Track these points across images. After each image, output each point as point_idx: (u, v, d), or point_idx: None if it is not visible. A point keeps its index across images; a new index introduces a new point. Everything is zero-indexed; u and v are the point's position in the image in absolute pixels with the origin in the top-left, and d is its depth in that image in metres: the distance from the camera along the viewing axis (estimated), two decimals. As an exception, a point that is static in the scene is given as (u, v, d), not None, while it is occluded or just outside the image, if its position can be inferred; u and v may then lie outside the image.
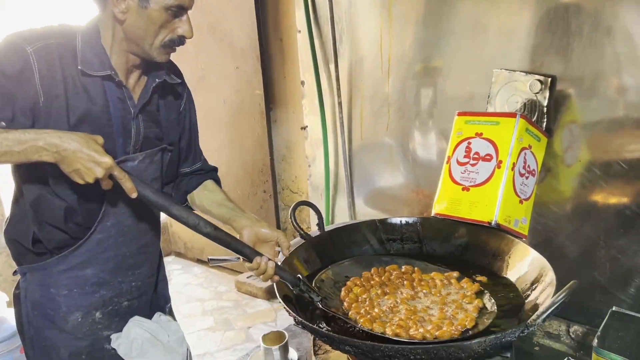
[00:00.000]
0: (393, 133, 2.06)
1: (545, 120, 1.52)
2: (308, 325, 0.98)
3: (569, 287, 0.85)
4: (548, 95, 1.50)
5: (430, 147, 1.93)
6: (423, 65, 1.88)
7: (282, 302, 1.08)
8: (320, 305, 1.11)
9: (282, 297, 1.10)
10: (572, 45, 1.45)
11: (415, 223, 1.50)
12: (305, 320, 1.01)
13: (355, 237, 1.47)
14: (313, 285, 1.14)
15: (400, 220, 1.51)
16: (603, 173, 1.46)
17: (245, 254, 1.09)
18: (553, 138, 1.54)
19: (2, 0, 3.54)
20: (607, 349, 1.19)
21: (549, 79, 1.50)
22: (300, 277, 1.12)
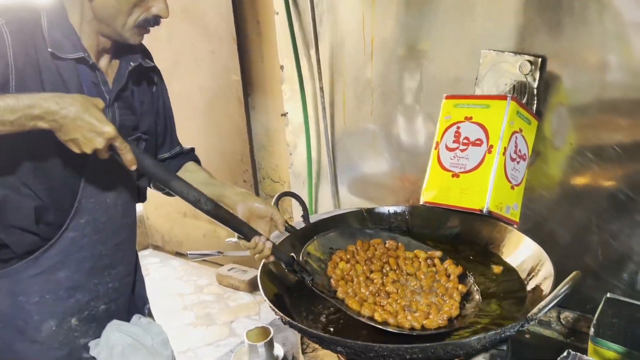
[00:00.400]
0: (377, 118, 2.01)
1: (536, 103, 1.49)
2: (297, 326, 0.93)
3: (572, 278, 0.82)
4: (538, 77, 1.47)
5: (416, 132, 1.89)
6: (407, 47, 1.83)
7: (268, 301, 1.03)
8: (311, 285, 1.09)
9: (268, 296, 1.05)
10: (563, 24, 1.42)
11: (404, 212, 1.47)
12: (293, 319, 0.97)
13: (342, 227, 1.43)
14: (303, 262, 1.14)
15: (388, 210, 1.47)
16: (595, 156, 1.44)
17: (244, 233, 1.07)
18: (543, 121, 1.51)
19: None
20: (602, 337, 1.18)
21: (539, 60, 1.46)
22: (294, 256, 1.11)
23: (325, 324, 1.10)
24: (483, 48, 1.58)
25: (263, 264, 1.18)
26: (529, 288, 1.07)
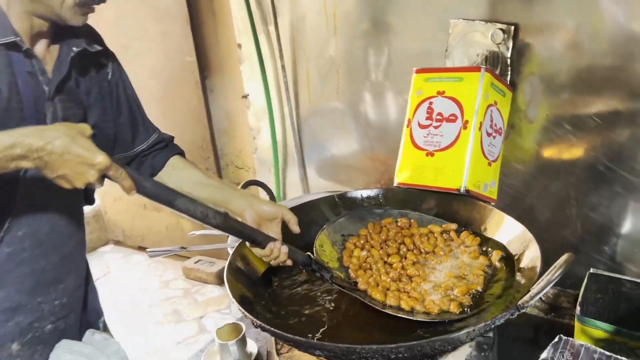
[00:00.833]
0: (344, 97, 1.94)
1: (510, 73, 1.44)
2: (270, 330, 0.86)
3: (565, 261, 0.77)
4: (511, 46, 1.42)
5: (386, 109, 1.83)
6: (372, 21, 1.76)
7: (237, 304, 0.95)
8: (332, 283, 1.06)
9: (237, 297, 0.98)
10: (535, -12, 1.37)
11: (378, 195, 1.41)
12: (266, 321, 0.90)
13: (313, 215, 1.36)
14: (321, 260, 1.09)
15: (361, 194, 1.41)
16: (572, 126, 1.41)
17: (258, 242, 1.02)
18: (517, 92, 1.47)
19: None
20: (589, 316, 1.16)
21: (512, 27, 1.41)
22: (311, 255, 1.07)
23: (304, 320, 1.03)
24: (452, 17, 1.52)
25: (229, 262, 1.11)
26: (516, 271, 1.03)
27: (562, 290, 1.39)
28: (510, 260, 1.08)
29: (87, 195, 1.12)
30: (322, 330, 0.96)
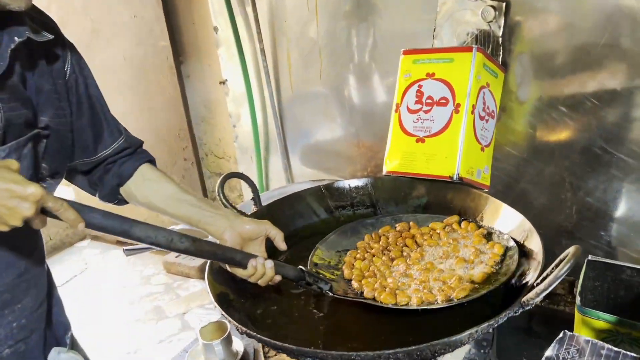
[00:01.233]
0: (327, 81, 1.88)
1: (501, 53, 1.39)
2: (256, 337, 0.81)
3: (573, 254, 0.73)
4: (503, 24, 1.37)
5: (372, 94, 1.78)
6: (355, 0, 1.69)
7: (219, 308, 0.90)
8: (331, 294, 0.99)
9: (218, 301, 0.92)
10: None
11: (366, 185, 1.35)
12: (255, 327, 0.85)
13: (299, 208, 1.31)
14: (314, 272, 1.03)
15: (349, 184, 1.35)
16: (566, 108, 1.37)
17: (237, 262, 0.94)
18: (508, 72, 1.43)
19: None
20: (587, 304, 1.13)
21: (503, 4, 1.36)
22: (304, 268, 1.00)
23: (294, 325, 0.98)
24: (440, -6, 1.47)
25: (210, 263, 1.05)
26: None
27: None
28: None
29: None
30: (314, 335, 0.91)
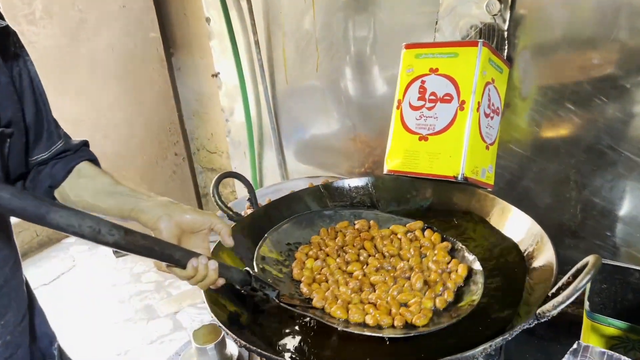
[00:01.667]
0: (324, 75, 1.84)
1: (507, 48, 1.36)
2: (262, 354, 0.77)
3: (594, 265, 0.70)
4: (509, 17, 1.33)
5: (370, 88, 1.74)
6: (354, -11, 1.65)
7: (223, 326, 0.86)
8: (279, 302, 0.90)
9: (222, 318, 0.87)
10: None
11: (366, 184, 1.32)
12: (257, 344, 0.81)
13: (297, 208, 1.27)
14: (262, 276, 0.93)
15: (349, 184, 1.32)
16: (572, 104, 1.34)
17: (175, 260, 0.80)
18: (512, 67, 1.39)
19: None
20: (594, 307, 1.11)
21: (509, -3, 1.32)
22: (251, 271, 0.90)
23: (302, 338, 0.91)
24: (443, -14, 1.43)
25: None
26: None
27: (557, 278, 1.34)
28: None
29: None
30: (322, 348, 0.86)
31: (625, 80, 1.26)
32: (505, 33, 1.35)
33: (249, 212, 1.71)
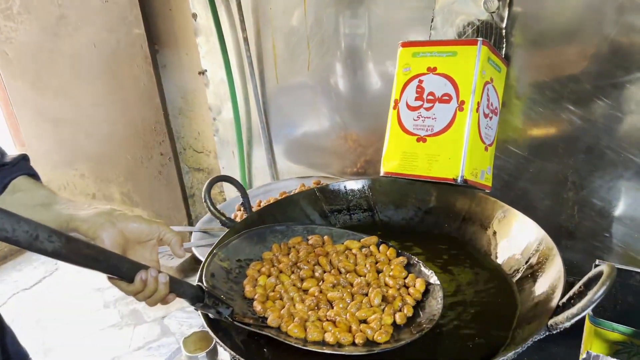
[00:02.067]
0: (316, 72, 1.81)
1: (505, 46, 1.34)
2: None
3: (609, 275, 0.68)
4: (507, 14, 1.31)
5: (362, 86, 1.72)
6: (347, -15, 1.62)
7: (226, 347, 0.82)
8: (233, 320, 0.85)
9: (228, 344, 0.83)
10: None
11: (363, 187, 1.29)
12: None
13: (292, 213, 1.24)
14: (215, 292, 0.88)
15: (344, 186, 1.29)
16: (570, 103, 1.33)
17: (122, 272, 0.73)
18: (509, 66, 1.38)
19: None
20: (597, 313, 1.10)
21: (508, -6, 1.30)
22: (204, 286, 0.85)
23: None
24: (439, -18, 1.41)
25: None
26: (530, 287, 0.94)
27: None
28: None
29: None
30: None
31: (626, 80, 1.26)
32: (503, 31, 1.33)
33: (239, 214, 1.69)
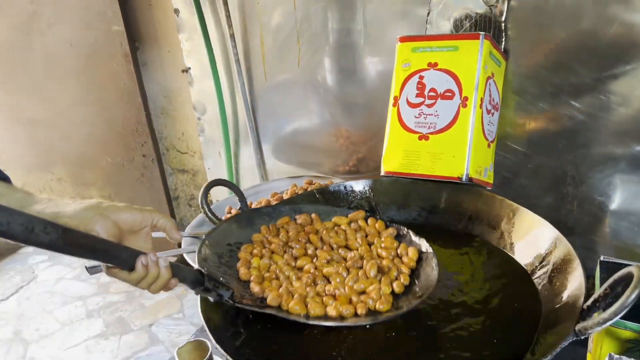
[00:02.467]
0: (306, 69, 1.77)
1: (504, 40, 1.33)
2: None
3: (638, 280, 0.66)
4: (506, 7, 1.30)
5: (355, 83, 1.69)
6: (338, -22, 1.59)
7: (215, 342, 0.79)
8: (234, 302, 0.86)
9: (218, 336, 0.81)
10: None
11: (364, 188, 1.27)
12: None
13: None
14: (212, 273, 0.89)
15: (345, 187, 1.26)
16: (571, 98, 1.32)
17: (122, 261, 0.73)
18: (508, 61, 1.36)
19: None
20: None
21: (507, -14, 1.28)
22: (203, 271, 0.85)
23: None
24: (435, -25, 1.38)
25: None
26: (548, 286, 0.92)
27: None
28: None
29: None
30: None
31: (627, 73, 1.25)
32: (503, 25, 1.31)
33: (229, 216, 1.65)
